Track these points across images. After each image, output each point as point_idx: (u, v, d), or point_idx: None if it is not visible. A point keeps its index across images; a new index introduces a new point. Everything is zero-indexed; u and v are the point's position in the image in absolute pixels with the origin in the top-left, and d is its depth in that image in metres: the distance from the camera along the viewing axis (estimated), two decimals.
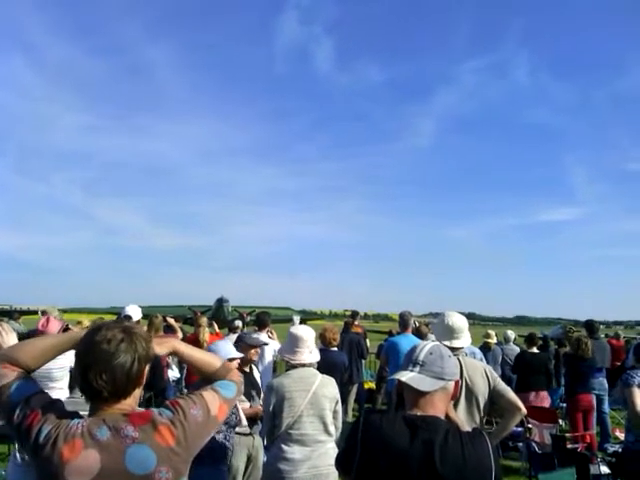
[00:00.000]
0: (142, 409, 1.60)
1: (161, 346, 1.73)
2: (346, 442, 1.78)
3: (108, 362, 1.50)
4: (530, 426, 6.72)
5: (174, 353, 1.77)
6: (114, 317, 6.22)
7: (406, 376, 1.72)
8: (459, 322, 3.53)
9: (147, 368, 1.61)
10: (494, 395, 3.36)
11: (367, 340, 11.28)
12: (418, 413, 1.69)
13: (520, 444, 7.08)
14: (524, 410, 3.29)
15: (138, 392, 1.61)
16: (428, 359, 1.75)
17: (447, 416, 2.02)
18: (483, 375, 3.38)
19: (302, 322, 12.03)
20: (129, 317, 5.81)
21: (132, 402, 1.58)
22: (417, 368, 1.74)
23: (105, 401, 1.53)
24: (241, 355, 3.83)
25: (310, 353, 3.59)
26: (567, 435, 6.88)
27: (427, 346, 1.82)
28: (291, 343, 3.62)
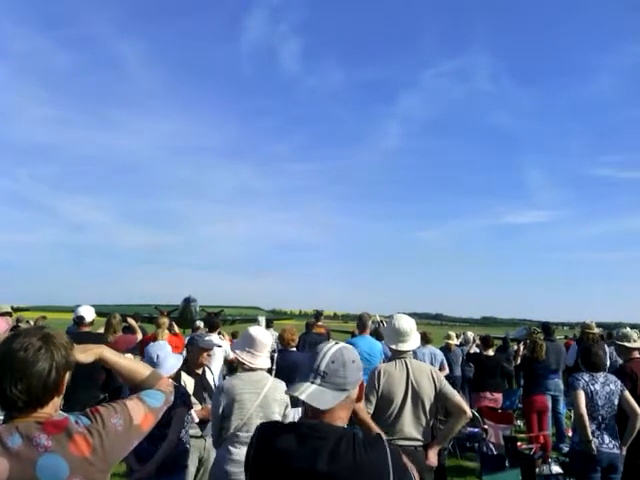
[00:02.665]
0: (60, 417, 1.54)
1: (86, 354, 1.68)
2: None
3: (24, 370, 1.45)
4: (486, 427, 6.83)
5: (100, 360, 1.72)
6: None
7: (305, 392, 1.58)
8: (406, 325, 3.56)
9: (67, 376, 1.57)
10: (440, 397, 3.40)
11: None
12: (314, 421, 1.61)
13: (477, 445, 7.18)
14: (469, 413, 3.33)
15: (58, 401, 1.57)
16: (330, 369, 1.61)
17: (358, 418, 2.01)
18: (429, 377, 3.42)
19: (268, 322, 12.02)
20: (82, 318, 5.66)
21: (50, 410, 1.53)
22: (318, 379, 1.60)
23: (20, 411, 1.48)
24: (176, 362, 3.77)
25: (266, 358, 3.59)
26: (521, 436, 7.01)
27: (329, 353, 1.64)
28: (247, 343, 3.58)
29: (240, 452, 3.36)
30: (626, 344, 5.05)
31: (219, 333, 8.97)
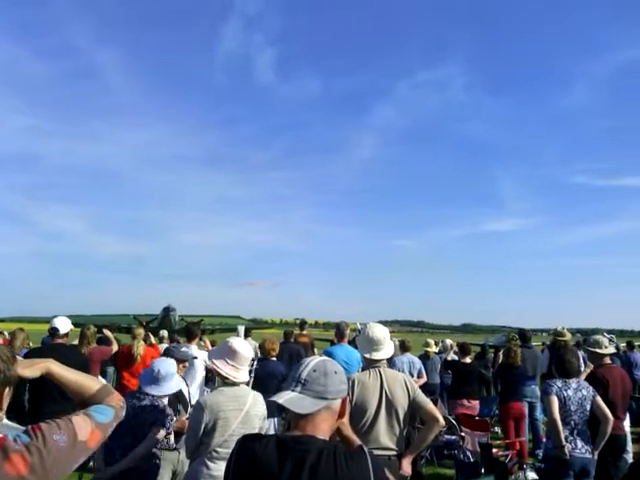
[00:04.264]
0: None
1: (31, 368, 1.62)
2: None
3: None
4: (463, 434, 6.86)
5: (47, 375, 1.66)
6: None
7: (284, 397, 1.61)
8: (379, 334, 3.56)
9: (7, 391, 1.51)
10: (414, 406, 3.39)
11: (315, 350, 11.26)
12: (296, 434, 1.61)
13: (454, 452, 7.20)
14: (442, 422, 3.34)
15: None
16: (311, 377, 1.65)
17: (342, 435, 2.00)
18: (403, 386, 3.41)
19: (247, 332, 11.95)
20: (56, 330, 5.56)
21: None
22: (299, 387, 1.64)
23: None
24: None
25: (247, 371, 3.51)
26: (498, 442, 7.05)
27: (312, 363, 1.70)
28: (229, 356, 3.47)
29: (219, 467, 3.27)
30: (597, 350, 5.13)
31: (200, 339, 8.87)
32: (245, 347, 3.55)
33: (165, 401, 3.78)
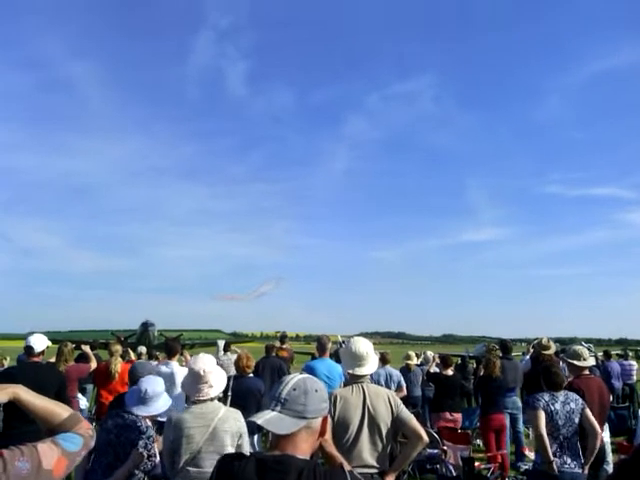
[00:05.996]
0: None
1: None
2: None
3: None
4: (445, 448, 6.84)
5: (14, 401, 1.62)
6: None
7: (263, 418, 1.60)
8: (363, 349, 3.52)
9: None
10: (397, 422, 3.35)
11: (293, 364, 11.20)
12: (276, 453, 1.60)
13: (437, 466, 7.18)
14: (425, 439, 3.29)
15: None
16: (290, 396, 1.63)
17: (325, 452, 1.98)
18: (386, 402, 3.38)
19: (226, 346, 11.84)
20: (30, 348, 5.43)
21: None
22: (278, 407, 1.62)
23: None
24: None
25: (210, 387, 3.42)
26: (480, 455, 7.05)
27: (292, 381, 1.68)
28: (191, 378, 3.47)
29: None
30: (575, 362, 5.11)
31: (181, 354, 8.75)
32: (203, 364, 3.45)
33: (148, 422, 3.70)
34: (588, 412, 4.48)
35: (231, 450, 3.30)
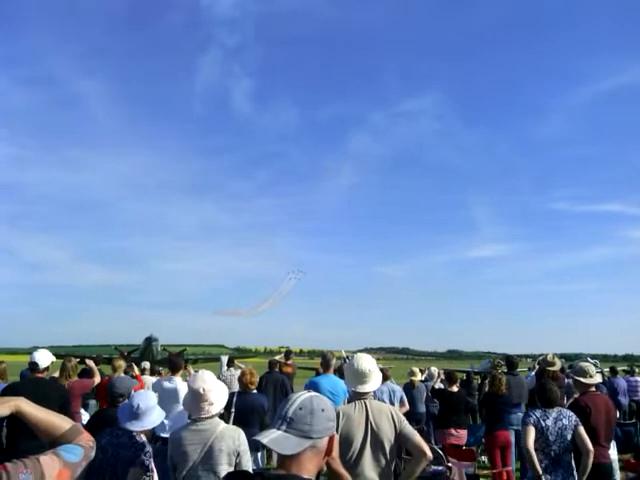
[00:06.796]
0: None
1: (1, 406, 1.60)
2: None
3: None
4: (450, 465, 6.77)
5: (17, 413, 1.63)
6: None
7: (268, 437, 1.57)
8: (366, 366, 3.52)
9: None
10: (400, 439, 3.34)
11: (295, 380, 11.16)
12: (281, 472, 1.58)
13: None
14: (430, 455, 3.26)
15: None
16: (297, 415, 1.61)
17: (332, 469, 1.97)
18: (389, 418, 3.36)
19: (230, 362, 11.81)
20: (35, 364, 5.43)
21: None
22: (284, 426, 1.60)
23: None
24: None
25: (211, 405, 3.38)
26: (485, 472, 6.98)
27: (298, 400, 1.65)
28: (191, 396, 3.44)
29: None
30: (582, 380, 5.08)
31: (185, 368, 8.72)
32: (206, 381, 3.42)
33: (143, 437, 3.68)
34: (581, 429, 4.48)
35: (227, 469, 3.27)
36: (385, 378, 8.75)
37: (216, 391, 3.44)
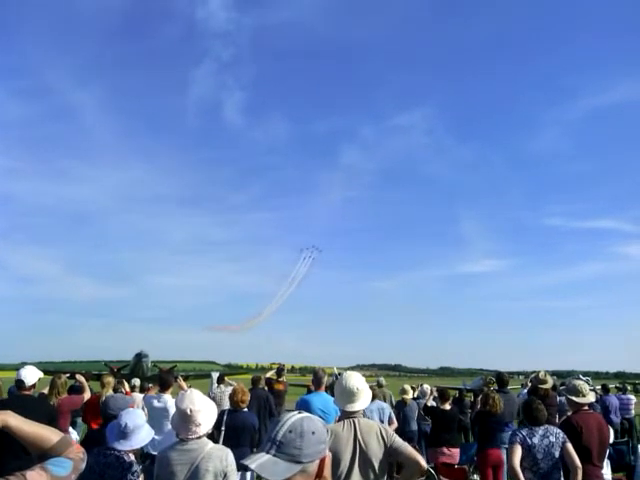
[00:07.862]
0: None
1: None
2: None
3: None
4: None
5: (4, 428, 1.60)
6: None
7: (256, 462, 1.51)
8: (354, 384, 3.49)
9: None
10: (392, 453, 3.31)
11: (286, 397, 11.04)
12: None
13: None
14: (424, 464, 3.23)
15: None
16: (286, 438, 1.54)
17: None
18: (378, 436, 3.34)
19: (221, 378, 11.72)
20: (21, 382, 5.35)
21: None
22: (273, 449, 1.53)
23: None
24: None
25: (198, 426, 3.32)
26: None
27: (288, 422, 1.58)
28: (178, 416, 3.40)
29: None
30: (574, 399, 5.05)
31: (176, 380, 8.60)
32: (194, 401, 3.35)
33: (132, 456, 3.63)
34: (569, 446, 4.47)
35: None
36: (373, 397, 8.70)
37: (204, 411, 3.36)
